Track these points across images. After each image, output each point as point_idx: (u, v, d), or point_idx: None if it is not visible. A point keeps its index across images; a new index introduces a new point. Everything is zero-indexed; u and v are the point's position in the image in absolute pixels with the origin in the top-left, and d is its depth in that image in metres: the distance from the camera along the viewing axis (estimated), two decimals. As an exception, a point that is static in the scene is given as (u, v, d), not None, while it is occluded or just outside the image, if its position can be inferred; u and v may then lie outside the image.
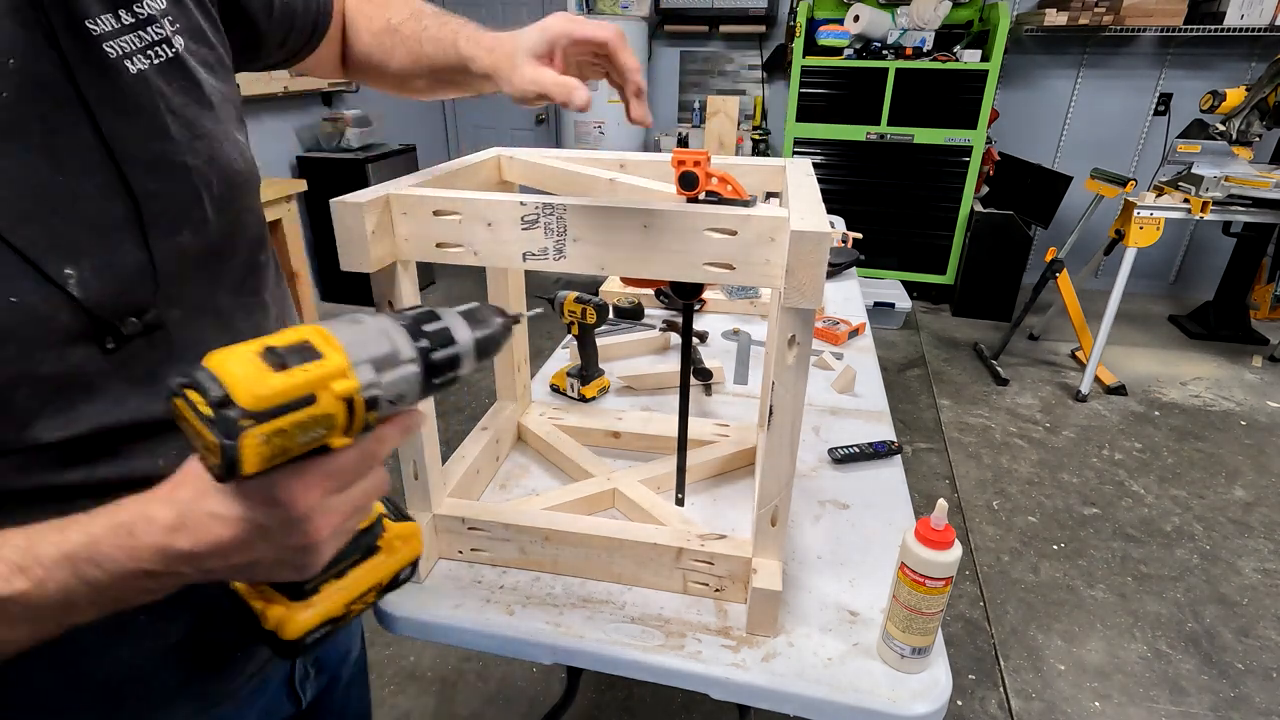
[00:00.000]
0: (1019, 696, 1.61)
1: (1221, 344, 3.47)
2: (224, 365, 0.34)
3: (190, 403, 0.33)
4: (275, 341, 0.36)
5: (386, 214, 0.64)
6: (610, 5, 4.15)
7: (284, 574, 0.40)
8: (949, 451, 2.55)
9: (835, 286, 1.73)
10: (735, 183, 0.68)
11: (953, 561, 0.62)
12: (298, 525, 0.38)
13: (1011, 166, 3.82)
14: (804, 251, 0.55)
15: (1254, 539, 2.12)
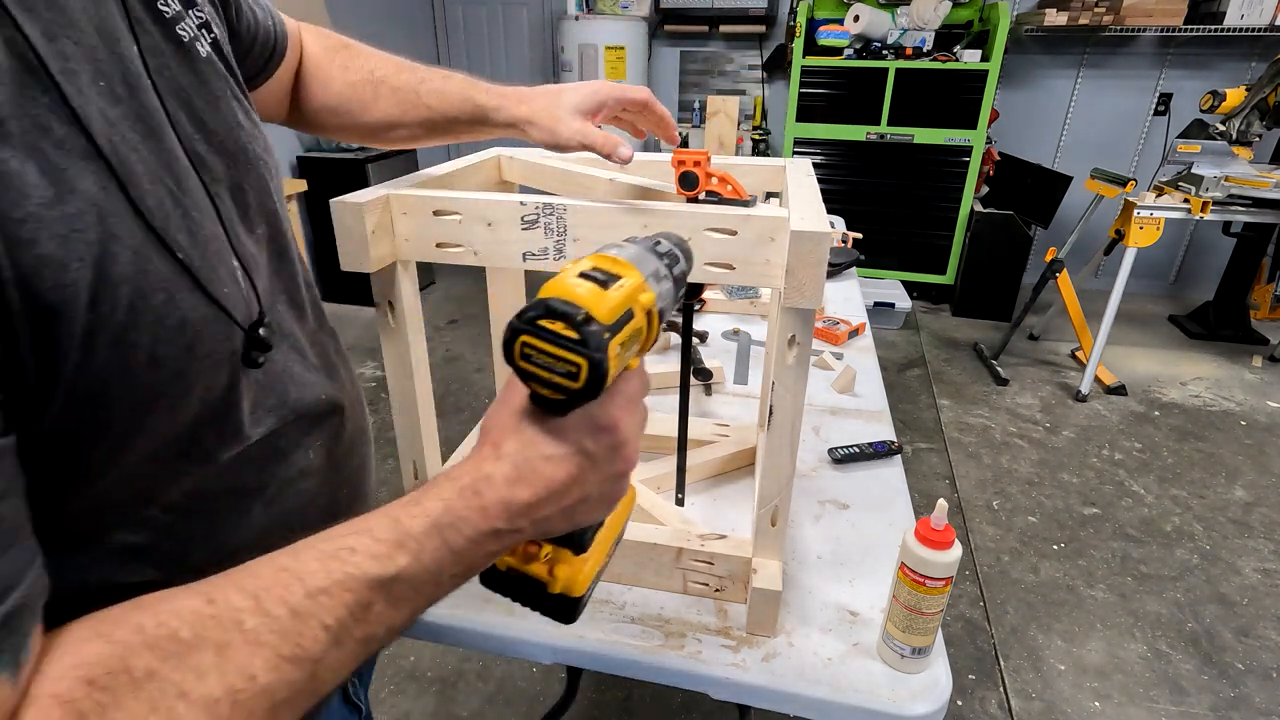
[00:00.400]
0: (1019, 696, 1.61)
1: (1221, 344, 3.47)
2: (570, 290, 0.37)
3: (548, 331, 0.35)
4: (584, 266, 0.39)
5: (386, 214, 0.64)
6: (610, 5, 4.15)
7: (600, 511, 0.42)
8: (949, 451, 2.55)
9: (835, 286, 1.73)
10: (735, 183, 0.68)
11: (953, 561, 0.62)
12: (619, 450, 0.40)
13: (1011, 166, 3.82)
14: (804, 251, 0.55)
15: (1254, 539, 2.12)
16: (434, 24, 4.70)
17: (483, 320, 0.95)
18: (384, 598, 0.33)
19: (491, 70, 4.73)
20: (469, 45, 4.72)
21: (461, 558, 0.36)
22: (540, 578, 0.43)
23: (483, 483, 0.37)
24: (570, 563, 0.44)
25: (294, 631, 0.30)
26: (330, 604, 0.31)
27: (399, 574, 0.34)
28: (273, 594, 0.31)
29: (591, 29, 3.90)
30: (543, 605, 0.44)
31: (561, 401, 0.37)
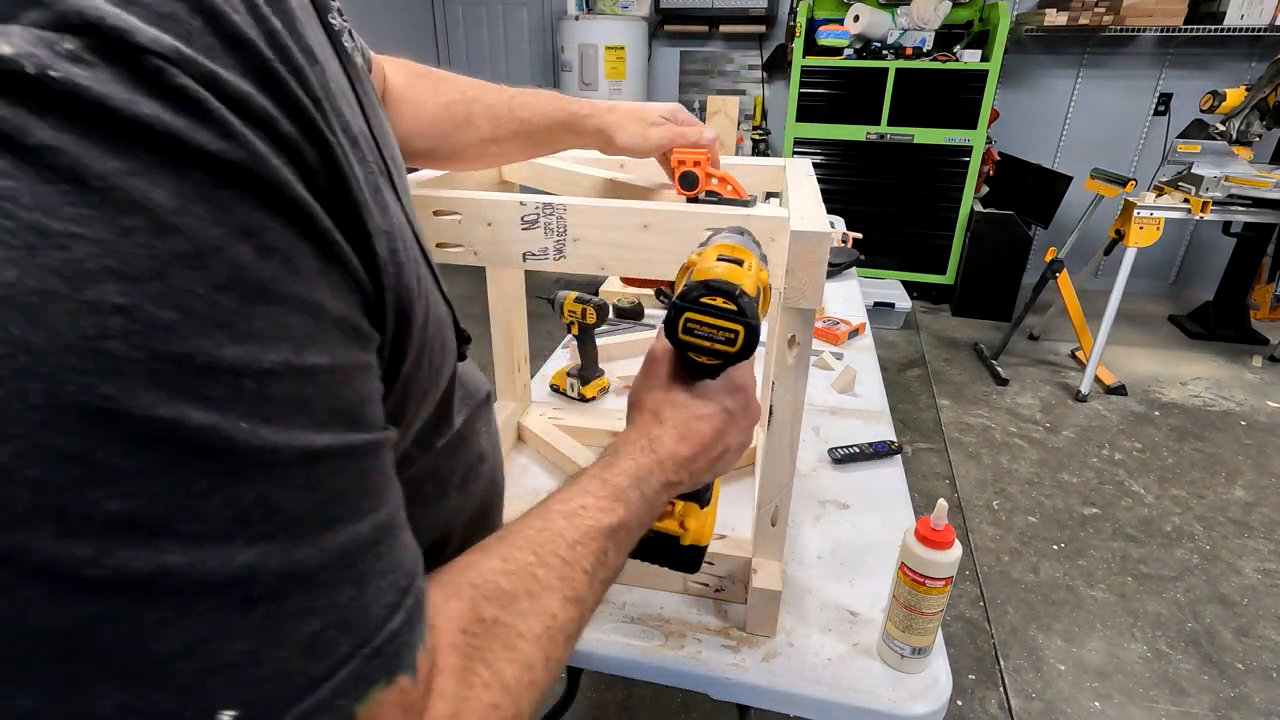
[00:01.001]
0: (1019, 696, 1.61)
1: (1221, 344, 3.47)
2: (719, 272, 0.44)
3: (710, 306, 0.43)
4: (720, 251, 0.47)
5: (386, 214, 0.64)
6: (610, 5, 4.15)
7: (735, 460, 0.50)
8: (949, 451, 2.54)
9: (835, 286, 1.73)
10: (735, 183, 0.68)
11: (953, 561, 0.62)
12: (750, 404, 0.50)
13: (1011, 166, 3.81)
14: (804, 251, 0.55)
15: (1254, 539, 2.12)
16: (434, 24, 4.70)
17: (483, 320, 0.96)
18: (613, 544, 0.40)
19: (491, 70, 4.73)
20: (469, 45, 4.72)
21: (651, 507, 0.44)
22: (673, 533, 0.51)
23: (656, 443, 0.45)
24: (697, 515, 0.52)
25: (569, 577, 0.37)
26: (584, 552, 0.38)
27: (620, 522, 0.41)
28: (545, 549, 0.37)
29: (591, 29, 3.90)
30: (675, 558, 0.53)
31: (717, 366, 0.46)
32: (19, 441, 0.18)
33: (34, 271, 0.18)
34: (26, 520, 0.18)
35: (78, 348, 0.18)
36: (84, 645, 0.20)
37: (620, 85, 4.02)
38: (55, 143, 0.18)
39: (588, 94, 4.03)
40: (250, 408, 0.22)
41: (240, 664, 0.22)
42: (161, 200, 0.20)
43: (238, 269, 0.22)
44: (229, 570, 0.22)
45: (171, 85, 0.21)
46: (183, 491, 0.21)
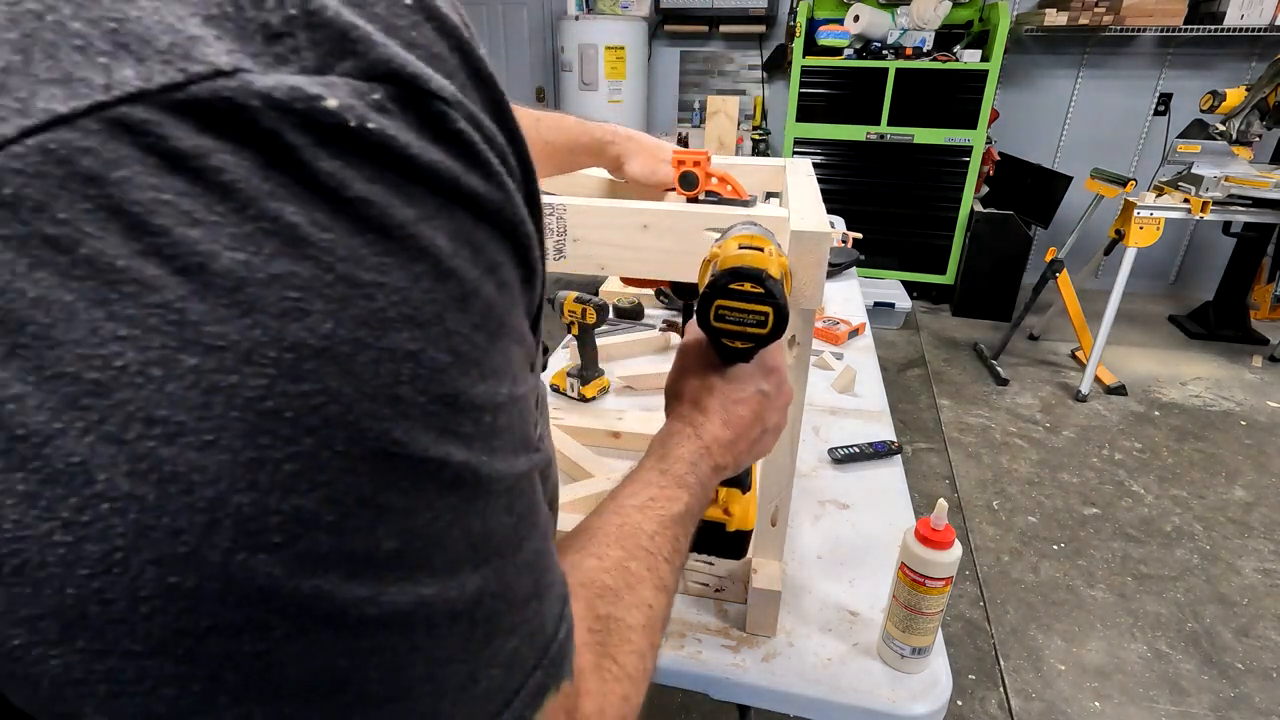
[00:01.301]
0: (1019, 696, 1.61)
1: (1221, 344, 3.47)
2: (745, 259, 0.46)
3: (738, 291, 0.45)
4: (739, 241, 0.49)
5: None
6: (610, 5, 4.15)
7: (772, 441, 0.52)
8: (949, 451, 2.54)
9: (835, 286, 1.73)
10: (735, 183, 0.68)
11: (953, 561, 0.62)
12: (783, 385, 0.51)
13: (1011, 166, 3.81)
14: (804, 251, 0.55)
15: (1254, 539, 2.12)
16: (434, 24, 4.70)
17: (483, 320, 0.95)
18: (682, 530, 0.42)
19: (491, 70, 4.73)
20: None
21: (706, 491, 0.46)
22: (718, 519, 0.53)
23: (701, 429, 0.47)
24: (740, 501, 0.54)
25: (655, 567, 0.38)
26: (662, 541, 0.40)
27: (687, 509, 0.43)
28: (630, 543, 0.39)
29: (591, 29, 3.90)
30: (721, 545, 0.54)
31: (749, 349, 0.47)
32: (324, 489, 0.18)
33: (346, 323, 0.18)
34: (325, 565, 0.19)
35: (378, 395, 0.19)
36: (353, 681, 0.20)
37: (620, 85, 4.02)
38: (367, 194, 0.19)
39: (588, 94, 4.03)
40: (485, 441, 0.23)
41: (464, 685, 0.23)
42: (442, 245, 0.21)
43: (488, 307, 0.22)
44: (464, 597, 0.23)
45: (451, 130, 0.21)
46: (436, 525, 0.21)
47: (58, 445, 0.16)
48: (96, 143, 0.16)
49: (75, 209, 0.16)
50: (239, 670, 0.18)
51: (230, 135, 0.17)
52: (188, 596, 0.17)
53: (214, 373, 0.17)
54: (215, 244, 0.17)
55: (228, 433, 0.17)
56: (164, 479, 0.17)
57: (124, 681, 0.18)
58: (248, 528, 0.18)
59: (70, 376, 0.16)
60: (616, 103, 4.06)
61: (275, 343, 0.17)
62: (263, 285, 0.17)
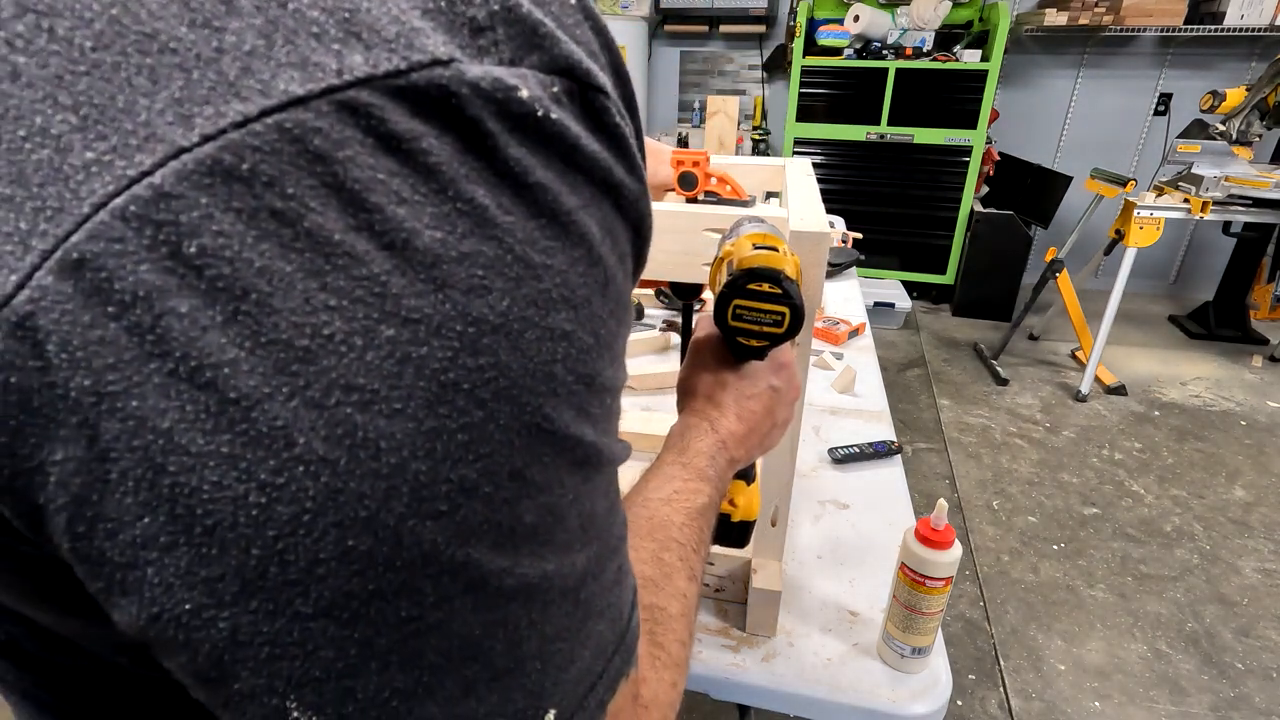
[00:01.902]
0: (1019, 696, 1.61)
1: (1221, 344, 3.47)
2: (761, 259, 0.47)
3: (756, 291, 0.46)
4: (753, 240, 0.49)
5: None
6: (610, 5, 4.15)
7: (781, 434, 0.53)
8: (949, 451, 2.54)
9: (835, 286, 1.73)
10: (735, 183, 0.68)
11: (953, 561, 0.62)
12: (793, 380, 0.53)
13: (1011, 166, 3.81)
14: (804, 251, 0.54)
15: (1254, 539, 2.12)
16: (434, 24, 4.70)
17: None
18: (705, 522, 0.43)
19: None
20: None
21: (723, 482, 0.47)
22: (724, 510, 0.53)
23: (716, 423, 0.48)
24: (744, 492, 0.54)
25: (686, 558, 0.39)
26: (690, 533, 0.41)
27: (709, 500, 0.44)
28: (661, 535, 0.39)
29: (591, 29, 3.90)
30: (727, 535, 0.55)
31: (764, 347, 0.48)
32: (486, 460, 0.19)
33: (520, 301, 0.19)
34: (476, 533, 0.19)
35: (538, 371, 0.20)
36: (482, 650, 0.21)
37: (620, 85, 4.01)
38: (545, 180, 0.20)
39: (588, 94, 4.02)
40: (605, 423, 0.24)
41: (564, 664, 0.24)
42: (595, 232, 0.22)
43: (620, 293, 0.24)
44: (574, 574, 0.23)
45: (609, 123, 0.22)
46: (563, 502, 0.22)
47: (265, 409, 0.17)
48: (326, 123, 0.17)
49: (302, 185, 0.17)
50: (391, 635, 0.19)
51: (438, 120, 0.18)
52: (361, 559, 0.18)
53: (408, 344, 0.18)
54: (418, 222, 0.18)
55: (414, 402, 0.18)
56: (355, 444, 0.17)
57: (287, 644, 0.18)
58: (421, 494, 0.18)
59: (283, 343, 0.17)
60: (616, 103, 4.06)
61: (461, 317, 0.18)
62: (455, 262, 0.18)
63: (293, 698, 0.19)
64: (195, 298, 0.16)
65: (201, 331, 0.16)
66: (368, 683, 0.19)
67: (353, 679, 0.19)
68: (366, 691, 0.19)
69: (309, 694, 0.19)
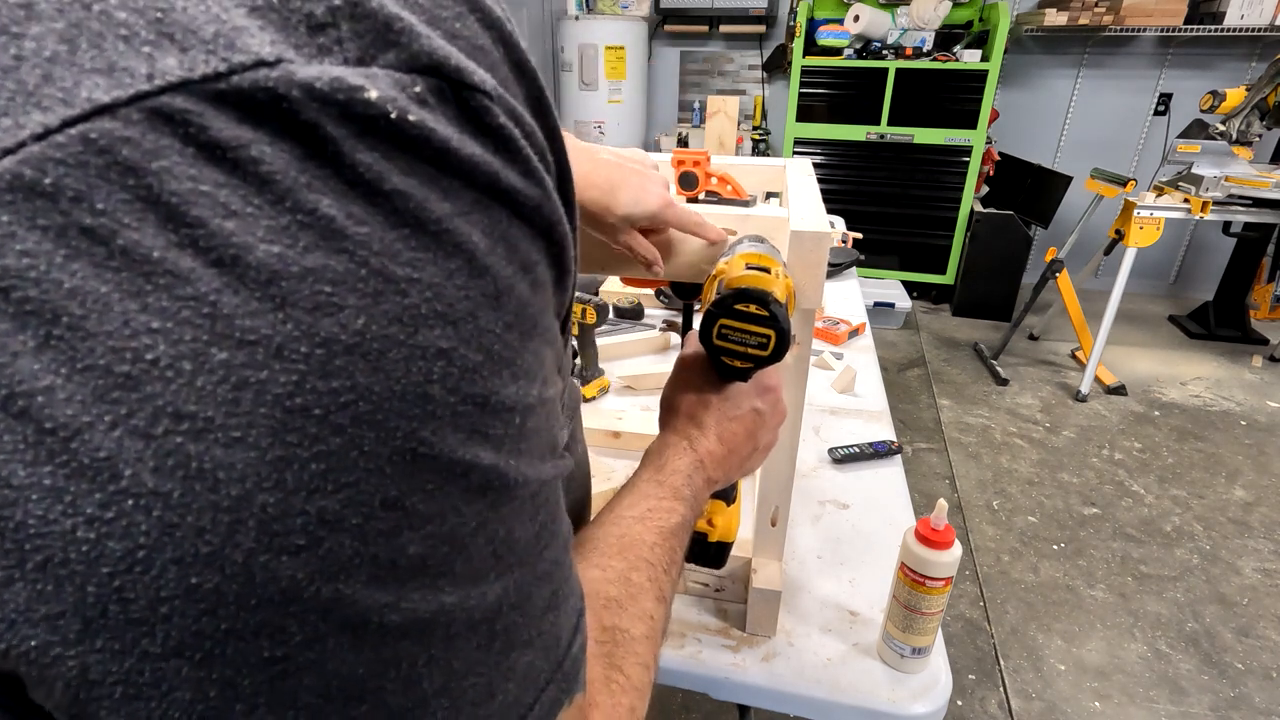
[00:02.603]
0: (1019, 696, 1.61)
1: (1221, 344, 3.47)
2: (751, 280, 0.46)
3: (743, 312, 0.45)
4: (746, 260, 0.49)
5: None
6: (610, 5, 4.15)
7: (762, 458, 0.52)
8: (949, 451, 2.54)
9: (835, 286, 1.73)
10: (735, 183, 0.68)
11: (953, 561, 0.62)
12: (777, 405, 0.52)
13: (1011, 166, 3.81)
14: (804, 252, 0.54)
15: (1254, 539, 2.12)
16: (434, 24, 4.70)
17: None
18: (679, 542, 0.43)
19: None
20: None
21: (698, 502, 0.46)
22: (702, 530, 0.53)
23: (695, 443, 0.48)
24: (723, 513, 0.54)
25: (655, 578, 0.39)
26: (661, 553, 0.40)
27: (683, 520, 0.43)
28: (631, 554, 0.39)
29: (591, 29, 3.90)
30: (703, 555, 0.55)
31: (748, 369, 0.48)
32: (349, 490, 0.18)
33: (379, 319, 0.18)
34: (347, 569, 0.18)
35: (408, 394, 0.18)
36: (369, 690, 0.20)
37: (620, 85, 4.01)
38: (404, 187, 0.19)
39: (588, 94, 4.03)
40: (514, 444, 0.22)
41: (480, 700, 0.23)
42: (477, 241, 0.20)
43: (521, 306, 0.22)
44: (485, 607, 0.22)
45: (492, 125, 0.21)
46: (461, 531, 0.21)
47: (86, 439, 0.16)
48: (137, 133, 0.16)
49: (113, 199, 0.16)
50: (256, 676, 0.18)
51: (270, 126, 0.17)
52: (208, 598, 0.17)
53: (244, 368, 0.17)
54: (250, 236, 0.17)
55: (255, 430, 0.17)
56: (190, 475, 0.16)
57: (140, 684, 0.17)
58: (272, 529, 0.17)
59: (102, 369, 0.16)
60: (616, 103, 4.06)
61: (307, 338, 0.17)
62: (297, 279, 0.17)
63: None
64: (4, 322, 0.15)
65: (12, 358, 0.15)
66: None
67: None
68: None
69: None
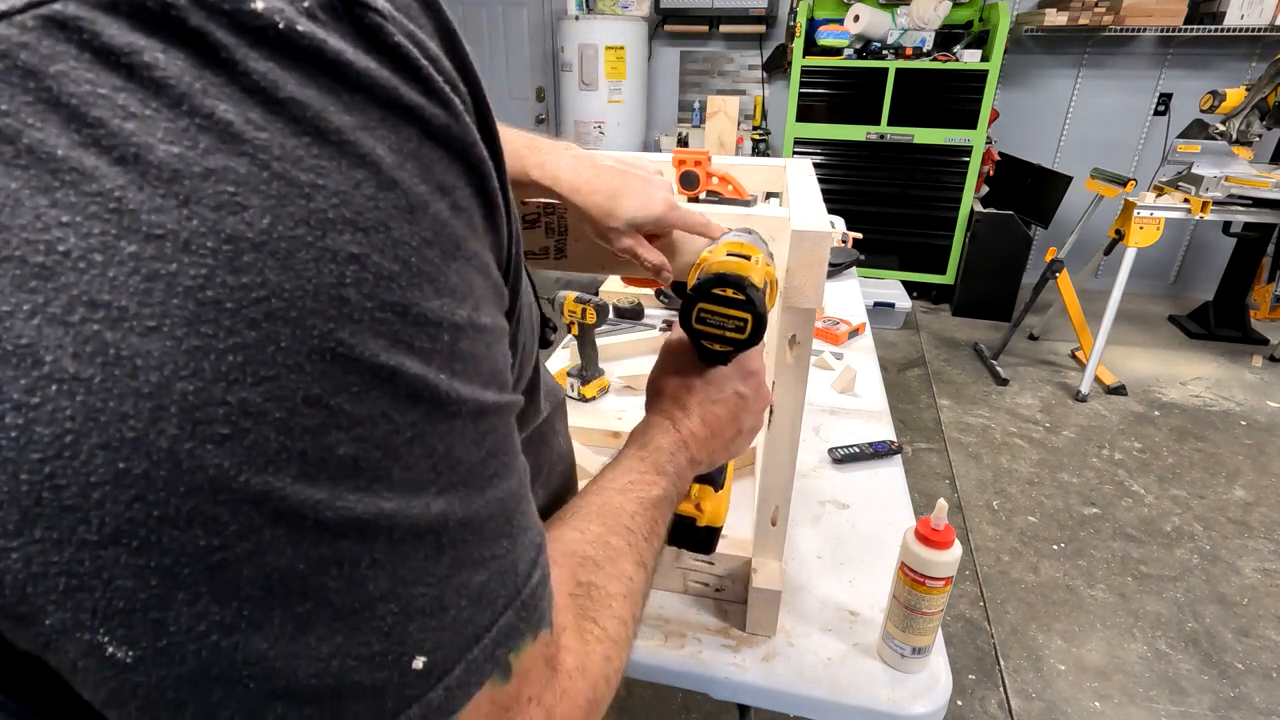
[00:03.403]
0: (1019, 696, 1.61)
1: (1221, 344, 3.47)
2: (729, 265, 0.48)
3: (720, 296, 0.46)
4: (729, 248, 0.50)
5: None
6: (610, 5, 4.15)
7: (747, 442, 0.54)
8: (949, 451, 2.54)
9: (835, 286, 1.73)
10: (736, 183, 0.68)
11: (953, 561, 0.62)
12: (760, 389, 0.53)
13: (1011, 166, 3.81)
14: (804, 251, 0.54)
15: (1254, 539, 2.12)
16: (434, 24, 4.70)
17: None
18: (659, 514, 0.44)
19: (491, 70, 4.73)
20: (469, 45, 4.68)
21: (682, 480, 0.47)
22: (690, 514, 0.55)
23: (679, 423, 0.49)
24: (712, 498, 0.55)
25: (634, 544, 0.40)
26: (642, 522, 0.41)
27: (664, 493, 0.45)
28: (611, 520, 0.40)
29: (591, 29, 3.90)
30: (691, 539, 0.56)
31: (728, 352, 0.49)
32: (270, 384, 0.19)
33: (285, 219, 0.19)
34: (274, 462, 0.19)
35: (321, 293, 0.19)
36: (312, 586, 0.20)
37: (620, 85, 4.01)
38: (302, 96, 0.19)
39: (588, 94, 4.03)
40: (444, 360, 0.23)
41: (431, 610, 0.23)
42: (384, 155, 0.21)
43: (439, 224, 0.22)
44: (428, 517, 0.23)
45: (389, 43, 0.21)
46: (395, 439, 0.21)
47: (6, 326, 0.17)
48: (33, 38, 0.17)
49: (16, 101, 0.17)
50: (195, 565, 0.19)
51: (162, 33, 0.18)
52: (138, 483, 0.18)
53: (153, 260, 0.17)
54: (150, 137, 0.17)
55: (170, 320, 0.17)
56: (109, 362, 0.17)
57: (82, 574, 0.18)
58: (194, 416, 0.18)
59: (17, 260, 0.17)
60: (616, 103, 4.06)
61: (213, 233, 0.18)
62: (199, 178, 0.18)
63: (103, 631, 0.18)
64: None
65: None
66: (179, 614, 0.19)
67: (161, 610, 0.19)
68: (179, 623, 0.19)
69: (119, 627, 0.18)
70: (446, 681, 0.24)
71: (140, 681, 0.19)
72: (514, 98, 4.77)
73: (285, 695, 0.21)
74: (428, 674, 0.23)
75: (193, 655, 0.19)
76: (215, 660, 0.19)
